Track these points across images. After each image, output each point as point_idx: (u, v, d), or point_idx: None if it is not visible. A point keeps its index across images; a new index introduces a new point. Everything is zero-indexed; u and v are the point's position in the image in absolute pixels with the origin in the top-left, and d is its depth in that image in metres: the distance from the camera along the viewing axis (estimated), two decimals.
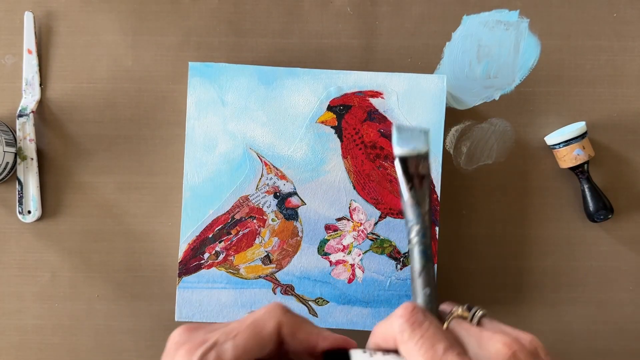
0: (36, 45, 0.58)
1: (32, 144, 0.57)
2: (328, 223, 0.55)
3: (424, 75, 0.55)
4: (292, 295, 0.54)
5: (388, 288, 0.55)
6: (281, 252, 0.54)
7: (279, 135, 0.54)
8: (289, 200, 0.54)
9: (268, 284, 0.54)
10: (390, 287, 0.55)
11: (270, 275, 0.54)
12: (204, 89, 0.54)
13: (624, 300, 0.60)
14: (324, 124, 0.54)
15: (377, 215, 0.55)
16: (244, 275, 0.54)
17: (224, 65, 0.54)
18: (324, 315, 0.54)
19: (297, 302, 0.54)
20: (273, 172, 0.54)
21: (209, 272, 0.54)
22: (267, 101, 0.54)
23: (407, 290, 0.55)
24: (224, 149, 0.54)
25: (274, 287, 0.54)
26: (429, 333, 0.31)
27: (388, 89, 0.54)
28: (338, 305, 0.55)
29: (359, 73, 0.54)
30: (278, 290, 0.54)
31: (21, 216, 0.57)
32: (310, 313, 0.54)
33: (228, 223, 0.54)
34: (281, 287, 0.54)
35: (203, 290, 0.54)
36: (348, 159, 0.54)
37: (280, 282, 0.54)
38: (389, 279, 0.55)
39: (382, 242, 0.55)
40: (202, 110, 0.54)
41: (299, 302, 0.54)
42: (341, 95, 0.54)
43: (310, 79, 0.54)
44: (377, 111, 0.54)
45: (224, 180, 0.54)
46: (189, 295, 0.54)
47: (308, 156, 0.54)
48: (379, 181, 0.54)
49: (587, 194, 0.58)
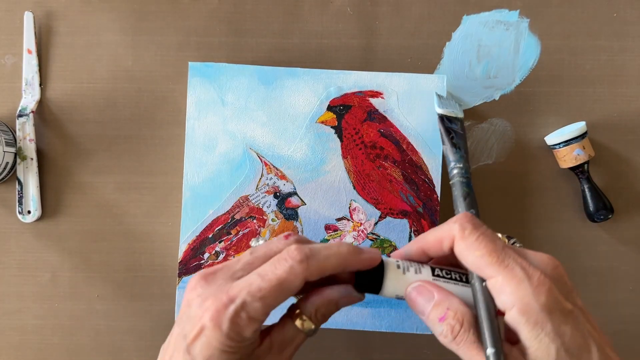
0: (36, 45, 0.58)
1: (32, 144, 0.57)
2: (328, 223, 0.55)
3: (424, 75, 0.55)
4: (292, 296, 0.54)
5: None
6: None
7: (279, 135, 0.54)
8: (289, 200, 0.54)
9: None
10: None
11: None
12: (204, 89, 0.54)
13: (624, 301, 0.60)
14: (324, 124, 0.54)
15: (377, 216, 0.55)
16: None
17: (224, 65, 0.54)
18: None
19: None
20: (273, 172, 0.54)
21: None
22: (267, 101, 0.54)
23: None
24: (224, 149, 0.54)
25: None
26: (488, 232, 0.35)
27: (388, 89, 0.54)
28: None
29: (359, 73, 0.54)
30: None
31: (21, 216, 0.57)
32: None
33: (228, 223, 0.54)
34: None
35: None
36: (348, 159, 0.54)
37: None
38: None
39: (382, 242, 0.55)
40: (202, 110, 0.54)
41: None
42: (341, 95, 0.54)
43: (310, 79, 0.54)
44: (377, 111, 0.54)
45: (224, 180, 0.54)
46: None
47: (308, 156, 0.54)
48: (379, 181, 0.54)
49: (587, 194, 0.58)
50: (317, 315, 0.38)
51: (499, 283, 0.34)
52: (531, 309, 0.33)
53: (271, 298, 0.34)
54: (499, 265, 0.34)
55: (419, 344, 0.59)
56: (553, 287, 0.33)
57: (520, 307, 0.33)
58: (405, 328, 0.54)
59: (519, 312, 0.33)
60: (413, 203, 0.55)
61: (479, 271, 0.35)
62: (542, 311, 0.32)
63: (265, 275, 0.35)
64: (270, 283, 0.34)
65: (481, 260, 0.34)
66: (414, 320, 0.54)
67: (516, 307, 0.33)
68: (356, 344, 0.59)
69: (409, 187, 0.54)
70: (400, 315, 0.54)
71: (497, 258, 0.34)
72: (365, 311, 0.54)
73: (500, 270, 0.34)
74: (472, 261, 0.35)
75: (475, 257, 0.35)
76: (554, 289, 0.33)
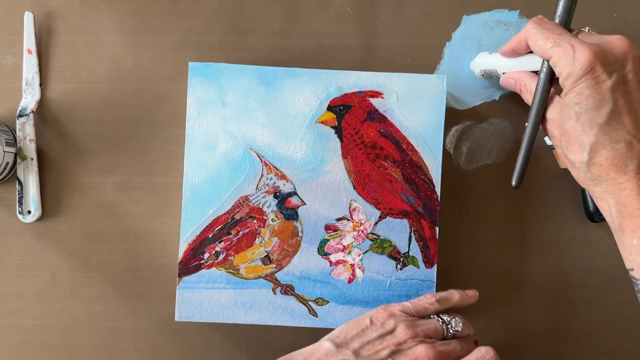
0: (36, 45, 0.58)
1: (32, 144, 0.57)
2: (328, 223, 0.55)
3: (424, 75, 0.55)
4: (292, 295, 0.54)
5: (388, 288, 0.55)
6: (281, 252, 0.54)
7: (279, 135, 0.54)
8: (289, 200, 0.54)
9: (268, 284, 0.54)
10: (390, 287, 0.55)
11: (270, 275, 0.54)
12: (204, 89, 0.54)
13: (624, 300, 0.60)
14: (324, 124, 0.54)
15: (377, 216, 0.55)
16: (244, 275, 0.54)
17: (224, 65, 0.54)
18: (323, 316, 0.54)
19: (297, 302, 0.54)
20: (273, 172, 0.54)
21: (209, 272, 0.54)
22: (267, 101, 0.54)
23: (407, 291, 0.55)
24: (224, 149, 0.54)
25: (274, 287, 0.54)
26: (549, 24, 0.45)
27: (388, 89, 0.54)
28: (338, 305, 0.55)
29: (359, 73, 0.54)
30: (278, 290, 0.54)
31: (21, 216, 0.57)
32: (310, 313, 0.54)
33: (228, 223, 0.54)
34: (281, 287, 0.54)
35: (203, 291, 0.54)
36: (348, 159, 0.54)
37: (280, 282, 0.54)
38: (389, 279, 0.55)
39: (382, 242, 0.55)
40: (202, 110, 0.54)
41: (299, 302, 0.54)
42: (341, 95, 0.54)
43: (310, 79, 0.54)
44: (377, 111, 0.54)
45: (224, 180, 0.54)
46: (189, 296, 0.54)
47: (308, 156, 0.54)
48: (379, 181, 0.54)
49: (587, 194, 0.58)
50: None
51: (554, 60, 0.43)
52: (569, 74, 0.42)
53: None
54: (555, 46, 0.43)
55: None
56: (594, 58, 0.41)
57: (564, 74, 0.43)
58: None
59: (563, 78, 0.43)
60: (413, 203, 0.55)
61: (543, 54, 0.45)
62: (576, 75, 0.42)
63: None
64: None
65: (543, 46, 0.44)
66: None
67: (562, 74, 0.43)
68: None
69: (409, 187, 0.54)
70: None
71: (554, 42, 0.43)
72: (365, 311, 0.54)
73: (555, 50, 0.43)
74: (538, 48, 0.45)
75: (539, 45, 0.45)
76: (593, 60, 0.41)
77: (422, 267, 0.55)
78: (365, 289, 0.55)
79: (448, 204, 0.59)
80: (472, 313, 0.59)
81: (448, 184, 0.58)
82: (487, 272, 0.60)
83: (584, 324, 0.60)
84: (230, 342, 0.59)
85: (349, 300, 0.55)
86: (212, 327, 0.59)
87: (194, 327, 0.59)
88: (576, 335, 0.60)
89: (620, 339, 0.60)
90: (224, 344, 0.59)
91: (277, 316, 0.54)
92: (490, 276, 0.60)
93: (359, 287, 0.55)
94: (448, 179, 0.58)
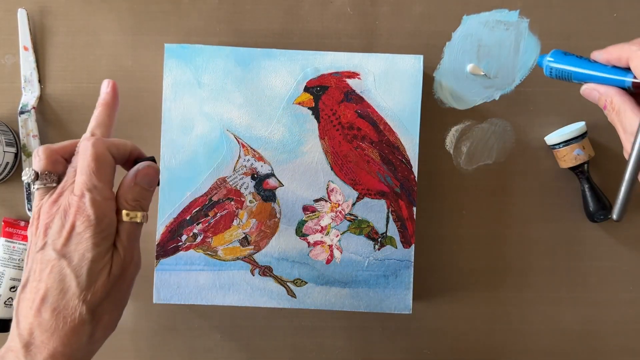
0: (32, 42, 0.59)
1: (36, 140, 0.58)
2: (306, 204, 0.54)
3: (400, 55, 0.55)
4: (271, 277, 0.54)
5: (366, 268, 0.54)
6: (259, 233, 0.54)
7: (256, 116, 0.55)
8: (267, 181, 0.54)
9: (246, 265, 0.54)
10: (368, 267, 0.54)
11: (248, 256, 0.54)
12: (180, 71, 0.54)
13: (624, 300, 0.60)
14: (301, 105, 0.55)
15: (355, 196, 0.54)
16: (222, 257, 0.54)
17: (200, 46, 0.55)
18: (302, 296, 0.54)
19: (275, 283, 0.54)
20: (250, 153, 0.54)
21: (186, 254, 0.54)
22: (244, 82, 0.55)
23: (385, 271, 0.54)
24: (200, 131, 0.54)
25: (252, 268, 0.54)
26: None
27: (365, 70, 0.55)
28: (317, 286, 0.54)
29: (335, 54, 0.55)
30: (256, 271, 0.54)
31: (30, 213, 0.57)
32: (289, 294, 0.54)
33: (206, 205, 0.54)
34: (259, 268, 0.54)
35: (181, 273, 0.54)
36: (325, 140, 0.54)
37: (258, 263, 0.54)
38: (367, 260, 0.54)
39: (359, 222, 0.54)
40: (179, 92, 0.54)
41: (278, 284, 0.54)
42: (318, 76, 0.55)
43: (287, 60, 0.55)
44: (354, 92, 0.55)
45: (201, 162, 0.54)
46: (166, 278, 0.54)
47: (285, 137, 0.54)
48: (357, 162, 0.54)
49: (587, 194, 0.58)
50: (130, 202, 0.42)
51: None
52: None
53: (103, 173, 0.40)
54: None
55: (419, 344, 0.59)
56: None
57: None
58: (383, 308, 0.54)
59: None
60: (390, 184, 0.54)
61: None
62: None
63: (83, 168, 0.40)
64: (90, 166, 0.40)
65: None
66: (392, 300, 0.54)
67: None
68: (356, 344, 0.59)
69: (387, 167, 0.54)
70: (379, 296, 0.54)
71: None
72: (343, 292, 0.54)
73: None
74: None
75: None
76: None
77: (399, 247, 0.54)
78: (343, 270, 0.54)
79: (448, 204, 0.59)
80: (471, 313, 0.59)
81: (448, 184, 0.58)
82: (487, 272, 0.60)
83: (584, 324, 0.60)
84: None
85: (327, 281, 0.54)
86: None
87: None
88: (576, 335, 0.60)
89: (620, 339, 0.60)
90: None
91: (256, 297, 0.54)
92: (490, 276, 0.59)
93: (337, 268, 0.54)
94: (448, 179, 0.58)
